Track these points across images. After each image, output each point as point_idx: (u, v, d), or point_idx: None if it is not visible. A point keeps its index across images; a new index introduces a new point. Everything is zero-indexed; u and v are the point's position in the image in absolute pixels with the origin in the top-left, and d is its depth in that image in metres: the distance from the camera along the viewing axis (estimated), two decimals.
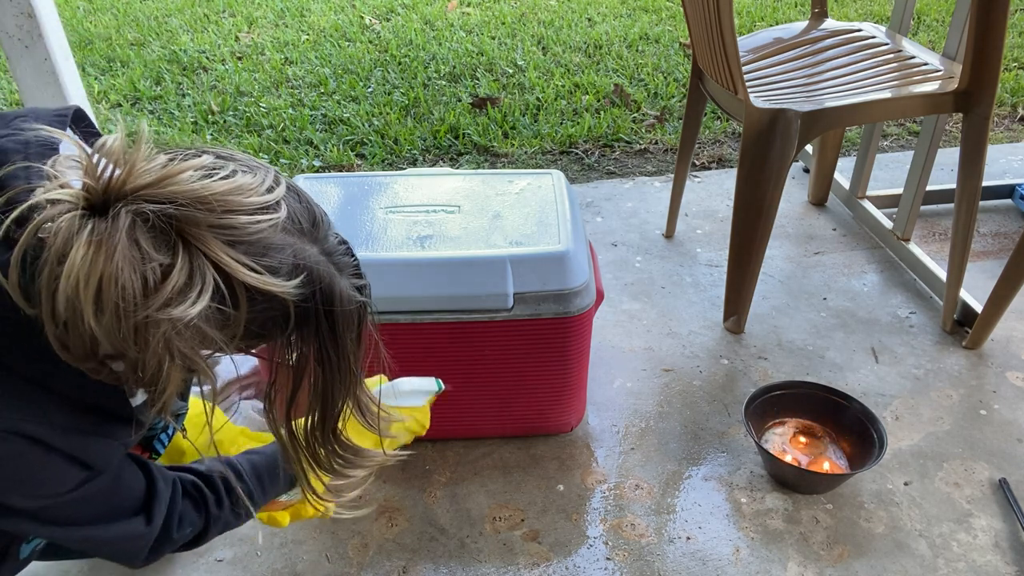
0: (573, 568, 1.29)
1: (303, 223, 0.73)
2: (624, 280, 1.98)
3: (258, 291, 0.67)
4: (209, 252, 0.64)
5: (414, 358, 1.37)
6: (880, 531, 1.34)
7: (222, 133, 2.69)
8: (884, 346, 1.75)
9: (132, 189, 0.63)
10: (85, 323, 0.61)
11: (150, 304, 0.62)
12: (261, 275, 0.67)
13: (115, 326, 0.62)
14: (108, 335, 0.62)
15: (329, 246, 0.76)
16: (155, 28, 3.55)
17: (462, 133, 2.66)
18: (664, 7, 3.75)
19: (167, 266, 0.63)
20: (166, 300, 0.62)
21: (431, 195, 1.48)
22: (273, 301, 0.69)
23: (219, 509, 0.93)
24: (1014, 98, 2.88)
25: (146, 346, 0.64)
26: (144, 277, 0.61)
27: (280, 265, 0.69)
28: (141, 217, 0.62)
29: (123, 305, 0.61)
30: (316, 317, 0.74)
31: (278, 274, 0.68)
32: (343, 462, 0.89)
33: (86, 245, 0.60)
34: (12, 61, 1.61)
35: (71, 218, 0.61)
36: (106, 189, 0.63)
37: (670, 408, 1.60)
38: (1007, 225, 2.18)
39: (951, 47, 1.75)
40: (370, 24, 3.60)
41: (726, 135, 2.70)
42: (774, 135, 1.54)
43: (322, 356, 0.77)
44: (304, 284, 0.70)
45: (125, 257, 0.61)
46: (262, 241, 0.67)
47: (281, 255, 0.69)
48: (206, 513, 0.92)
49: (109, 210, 0.62)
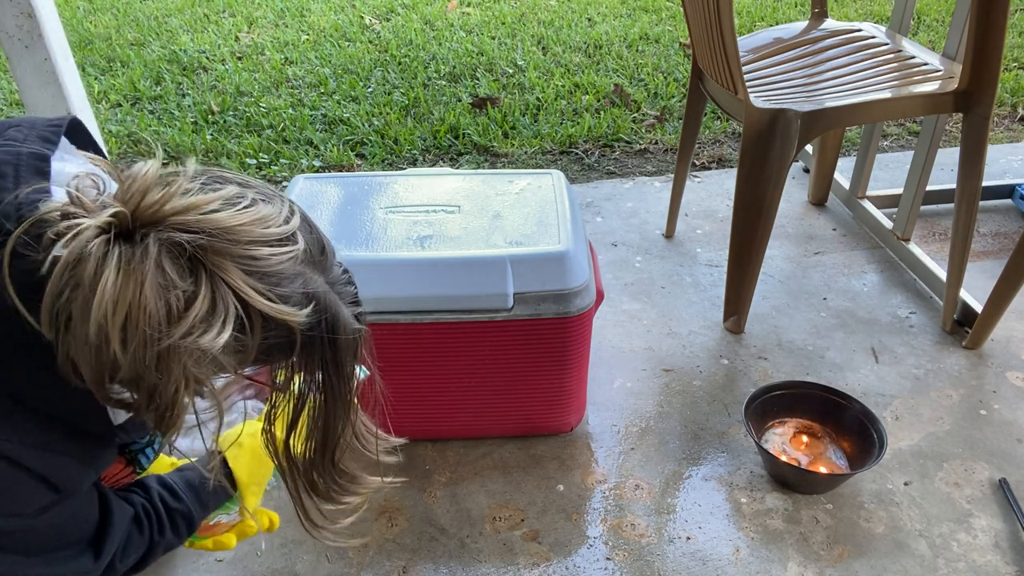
0: (573, 568, 1.29)
1: (314, 254, 0.74)
2: (624, 280, 1.98)
3: (272, 320, 0.68)
4: (230, 281, 0.65)
5: (414, 358, 1.37)
6: (880, 531, 1.34)
7: (222, 133, 2.69)
8: (884, 346, 1.75)
9: (161, 216, 0.63)
10: (111, 349, 0.61)
11: (174, 332, 0.62)
12: (277, 304, 0.68)
13: (140, 353, 0.62)
14: (132, 361, 0.63)
15: (334, 276, 0.77)
16: (155, 28, 3.55)
17: (462, 133, 2.66)
18: (664, 7, 3.75)
19: (191, 294, 0.63)
20: (189, 328, 0.63)
21: (431, 195, 1.48)
22: (283, 329, 0.70)
23: (161, 535, 0.92)
24: (1014, 98, 2.88)
25: (168, 373, 0.64)
26: (168, 304, 0.62)
27: (292, 294, 0.70)
28: (169, 244, 0.63)
29: (149, 332, 0.61)
30: (321, 345, 0.75)
31: (289, 303, 0.69)
32: (339, 489, 0.89)
33: (115, 271, 0.60)
34: (12, 61, 1.61)
35: (101, 243, 0.61)
36: (134, 215, 0.63)
37: (670, 408, 1.60)
38: (1007, 225, 2.18)
39: (951, 47, 1.75)
40: (370, 24, 3.60)
41: (726, 135, 2.70)
42: (774, 135, 1.54)
43: (324, 383, 0.78)
44: (312, 313, 0.72)
45: (152, 284, 0.61)
46: (278, 272, 0.69)
47: (293, 285, 0.70)
48: (151, 539, 0.91)
49: (135, 235, 0.63)
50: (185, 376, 0.65)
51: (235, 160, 2.53)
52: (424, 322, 1.32)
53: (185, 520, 0.95)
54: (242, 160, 2.53)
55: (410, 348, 1.35)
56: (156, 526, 0.91)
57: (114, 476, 0.97)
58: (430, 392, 1.42)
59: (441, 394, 1.43)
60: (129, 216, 0.63)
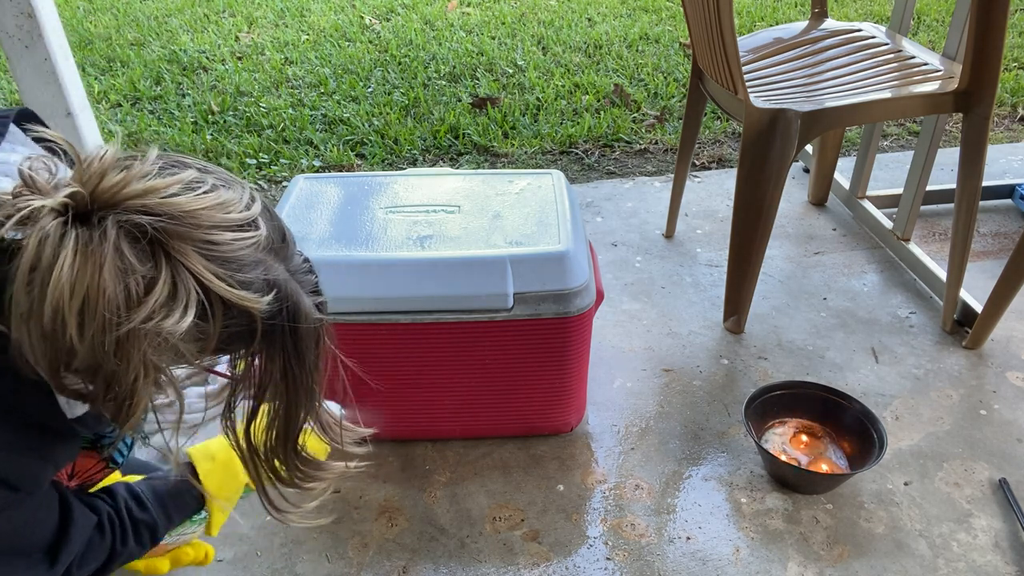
0: (573, 568, 1.29)
1: (275, 241, 0.73)
2: (624, 280, 1.98)
3: (233, 306, 0.67)
4: (190, 265, 0.63)
5: (414, 358, 1.37)
6: (880, 531, 1.34)
7: (222, 133, 2.69)
8: (884, 346, 1.75)
9: (120, 199, 0.62)
10: (67, 335, 0.60)
11: (133, 317, 0.61)
12: (238, 291, 0.66)
13: (99, 339, 0.61)
14: (89, 348, 0.61)
15: (295, 265, 0.76)
16: (155, 28, 3.55)
17: (462, 133, 2.66)
18: (664, 7, 3.75)
19: (151, 278, 0.62)
20: (150, 313, 0.61)
21: (431, 195, 1.48)
22: (244, 317, 0.69)
23: (123, 545, 0.90)
24: (1014, 98, 2.88)
25: (127, 360, 0.63)
26: (128, 289, 0.60)
27: (253, 281, 0.68)
28: (128, 228, 0.61)
29: (108, 317, 0.60)
30: (282, 334, 0.74)
31: (251, 289, 0.68)
32: (303, 476, 0.88)
33: (73, 254, 0.58)
34: (12, 61, 1.61)
35: (57, 225, 0.59)
36: (92, 196, 0.61)
37: (670, 408, 1.60)
38: (1007, 225, 2.18)
39: (951, 47, 1.75)
40: (370, 24, 3.60)
41: (726, 135, 2.70)
42: (774, 135, 1.54)
43: (286, 372, 0.77)
44: (274, 301, 0.70)
45: (111, 268, 0.60)
46: (239, 258, 0.67)
47: (254, 272, 0.69)
48: (112, 547, 0.89)
49: (92, 218, 0.61)
50: (144, 364, 0.64)
51: (235, 160, 2.53)
52: (424, 322, 1.32)
53: (149, 531, 0.93)
54: (242, 160, 2.53)
55: (410, 348, 1.35)
56: (119, 535, 0.89)
57: (87, 471, 0.95)
58: (430, 392, 1.42)
59: (441, 394, 1.43)
60: (87, 197, 0.61)
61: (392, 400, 1.44)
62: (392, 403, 1.44)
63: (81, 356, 0.62)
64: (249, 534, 1.34)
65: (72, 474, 0.93)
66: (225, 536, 1.33)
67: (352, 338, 1.33)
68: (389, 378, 1.41)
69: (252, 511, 1.37)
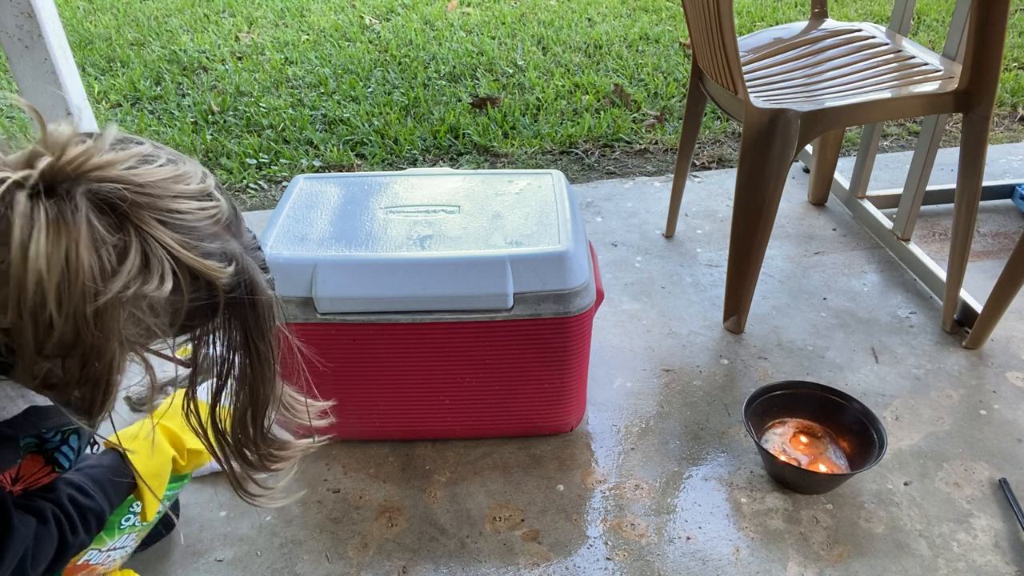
0: (573, 568, 1.29)
1: (229, 216, 0.74)
2: (624, 280, 1.98)
3: (199, 276, 0.68)
4: (157, 235, 0.64)
5: (414, 358, 1.37)
6: (880, 531, 1.34)
7: (222, 133, 2.69)
8: (884, 346, 1.75)
9: (84, 171, 0.62)
10: (47, 310, 0.59)
11: (111, 287, 0.61)
12: (204, 260, 0.67)
13: (80, 310, 0.60)
14: (70, 322, 0.60)
15: (247, 240, 0.77)
16: (155, 28, 3.55)
17: (462, 133, 2.66)
18: (664, 7, 3.75)
19: (121, 248, 0.62)
20: (126, 282, 0.62)
21: (431, 195, 1.48)
22: (207, 290, 0.70)
23: (74, 536, 0.90)
24: (1014, 98, 2.88)
25: (105, 333, 0.62)
26: (101, 260, 0.61)
27: (214, 252, 0.69)
28: (95, 199, 0.61)
29: (87, 288, 0.60)
30: (242, 308, 0.74)
31: (213, 259, 0.69)
32: (271, 457, 0.88)
33: (47, 228, 0.58)
34: (12, 61, 1.62)
35: (24, 198, 0.58)
36: (56, 169, 0.61)
37: (670, 408, 1.60)
38: (1007, 225, 2.18)
39: (951, 47, 1.75)
40: (370, 24, 3.60)
41: (726, 135, 2.70)
42: (774, 135, 1.54)
43: (248, 348, 0.77)
44: (234, 274, 0.71)
45: (86, 240, 0.59)
46: (201, 228, 0.68)
47: (215, 243, 0.69)
48: (63, 539, 0.88)
49: (57, 190, 0.60)
50: (120, 340, 0.64)
51: (235, 160, 2.53)
52: (424, 322, 1.32)
53: (96, 518, 0.93)
54: (242, 160, 2.54)
55: (410, 348, 1.35)
56: (68, 526, 0.89)
57: (32, 475, 0.92)
58: (430, 392, 1.42)
59: (441, 394, 1.43)
60: (53, 169, 0.61)
61: (392, 400, 1.44)
62: (392, 403, 1.45)
63: (59, 333, 0.61)
64: (249, 534, 1.34)
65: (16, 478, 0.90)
66: (225, 536, 1.33)
67: (352, 338, 1.33)
68: (389, 378, 1.41)
69: (251, 511, 1.37)
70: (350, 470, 1.47)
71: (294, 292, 1.29)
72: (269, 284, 0.79)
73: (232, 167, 2.49)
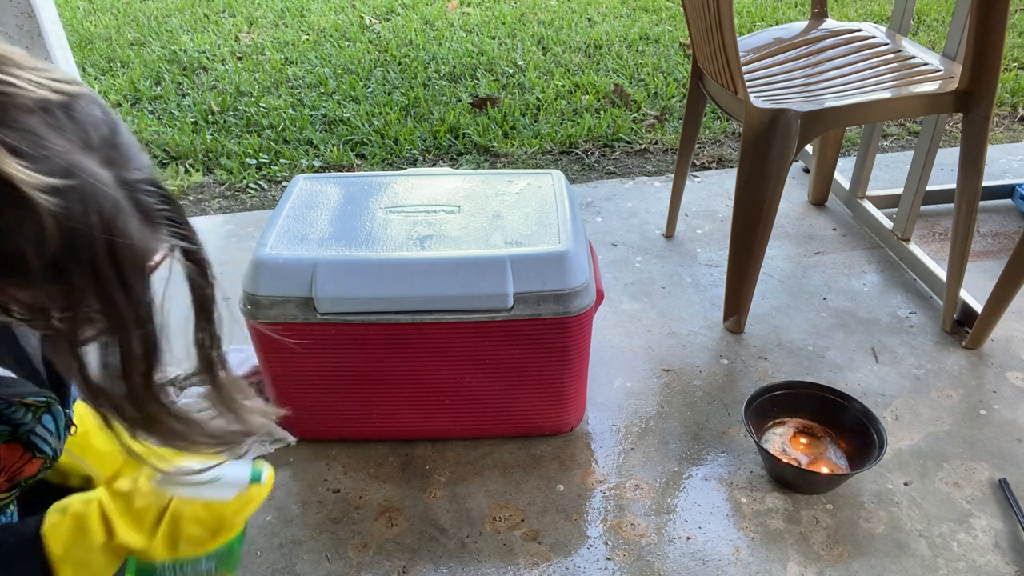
0: (573, 568, 1.29)
1: (92, 134, 0.60)
2: (624, 280, 1.98)
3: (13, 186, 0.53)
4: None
5: (414, 358, 1.37)
6: (880, 531, 1.34)
7: (222, 133, 2.69)
8: (884, 346, 1.75)
9: None
10: None
11: None
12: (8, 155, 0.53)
13: None
14: None
15: (131, 179, 0.62)
16: (155, 28, 3.55)
17: (462, 133, 2.66)
18: (664, 7, 3.76)
19: None
20: None
21: (431, 195, 1.48)
22: (22, 205, 0.54)
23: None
24: (1014, 98, 2.88)
25: None
26: None
27: (39, 157, 0.55)
28: None
29: None
30: (93, 246, 0.58)
31: (29, 161, 0.54)
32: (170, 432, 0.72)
33: None
34: None
35: None
36: None
37: (670, 408, 1.60)
38: (1007, 225, 2.18)
39: (951, 47, 1.75)
40: (370, 24, 3.60)
41: (726, 135, 2.70)
42: (774, 135, 1.54)
43: (107, 297, 0.61)
44: (71, 196, 0.56)
45: None
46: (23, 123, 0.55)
47: (46, 150, 0.55)
48: None
49: None
50: None
51: (235, 160, 2.53)
52: (424, 322, 1.32)
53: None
54: (242, 160, 2.54)
55: (410, 348, 1.35)
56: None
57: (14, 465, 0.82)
58: (430, 392, 1.42)
59: (441, 394, 1.43)
60: None
61: (392, 400, 1.44)
62: (392, 403, 1.45)
63: None
64: (249, 534, 1.34)
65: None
66: None
67: (352, 338, 1.33)
68: (389, 378, 1.41)
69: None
70: (350, 470, 1.47)
71: (294, 292, 1.29)
72: (190, 256, 0.67)
73: (232, 167, 2.49)
